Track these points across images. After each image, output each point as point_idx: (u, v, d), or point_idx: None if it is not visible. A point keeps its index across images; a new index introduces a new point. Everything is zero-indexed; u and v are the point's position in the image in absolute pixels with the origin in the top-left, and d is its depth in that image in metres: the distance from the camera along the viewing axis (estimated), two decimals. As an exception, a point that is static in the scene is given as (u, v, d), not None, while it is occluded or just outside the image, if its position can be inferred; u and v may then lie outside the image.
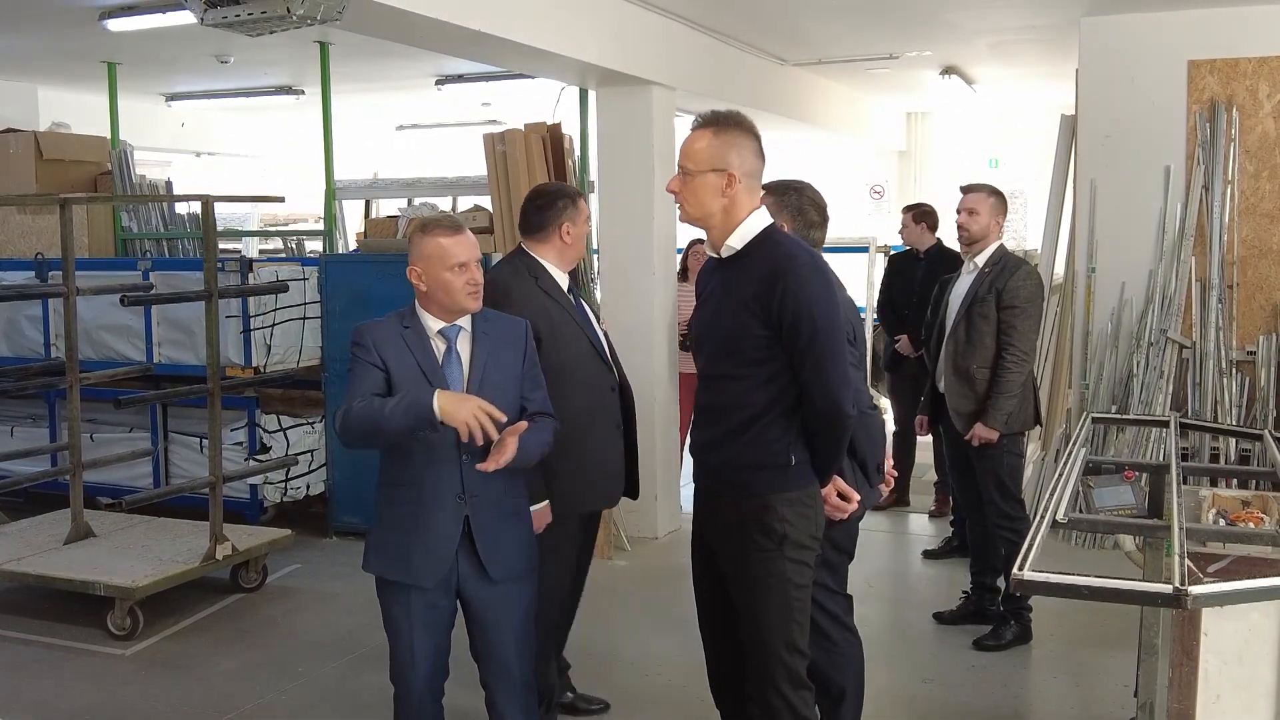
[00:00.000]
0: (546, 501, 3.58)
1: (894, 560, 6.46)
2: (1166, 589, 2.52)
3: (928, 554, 6.32)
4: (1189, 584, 2.51)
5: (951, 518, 6.41)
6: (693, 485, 3.14)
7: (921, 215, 6.87)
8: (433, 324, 3.09)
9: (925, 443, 7.23)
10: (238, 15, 3.86)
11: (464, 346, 3.11)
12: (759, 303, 2.76)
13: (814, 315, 2.74)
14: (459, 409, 2.83)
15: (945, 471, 6.84)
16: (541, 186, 4.13)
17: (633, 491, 3.97)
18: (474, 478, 3.01)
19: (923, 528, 6.93)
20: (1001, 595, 5.04)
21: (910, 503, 7.28)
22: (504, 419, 2.89)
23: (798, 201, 3.40)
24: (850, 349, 3.26)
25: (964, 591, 5.28)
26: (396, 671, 3.16)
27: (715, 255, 2.93)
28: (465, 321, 3.12)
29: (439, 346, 3.09)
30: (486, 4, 5.02)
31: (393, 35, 5.20)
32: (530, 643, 3.24)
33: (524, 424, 3.05)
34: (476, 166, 6.97)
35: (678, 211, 2.96)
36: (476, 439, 2.84)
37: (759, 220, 2.86)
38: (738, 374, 2.83)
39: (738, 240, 2.85)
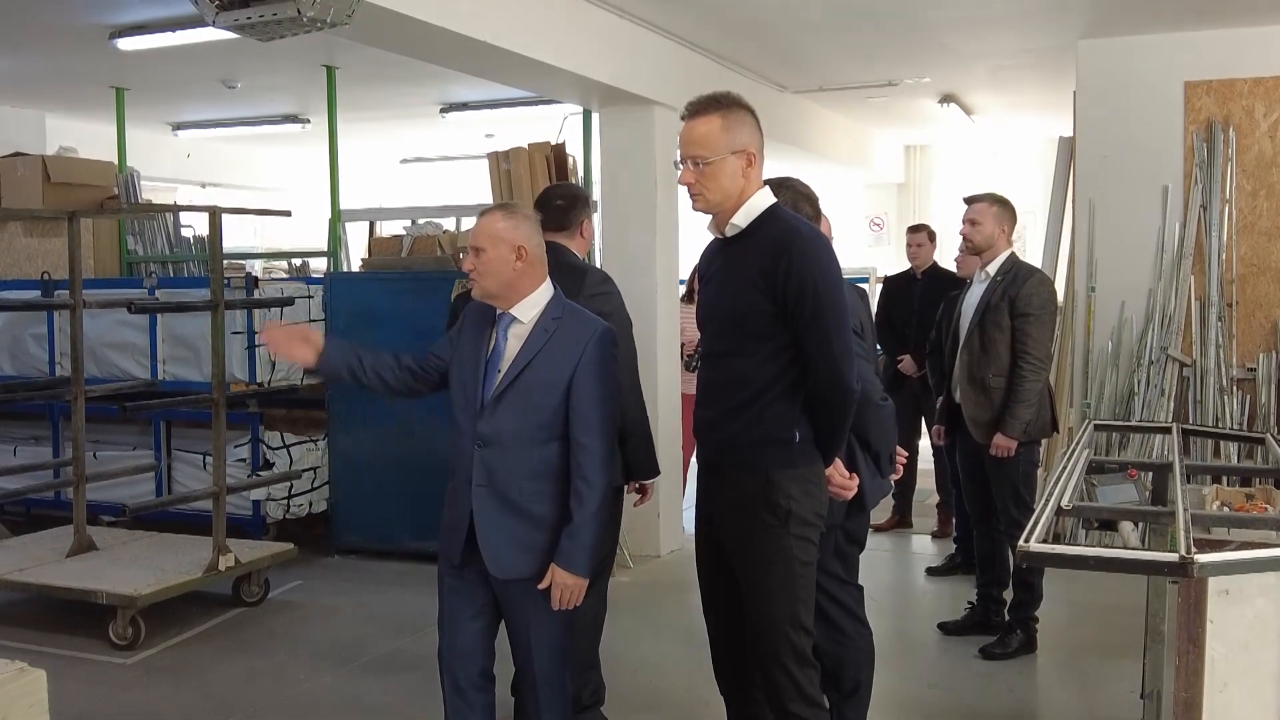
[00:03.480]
0: (655, 479, 3.94)
1: (897, 577, 6.43)
2: (1173, 557, 2.53)
3: (931, 571, 6.30)
4: (1195, 553, 2.52)
5: (955, 535, 6.40)
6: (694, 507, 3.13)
7: (933, 234, 6.97)
8: (500, 306, 3.04)
9: (926, 468, 7.25)
10: (249, 18, 3.88)
11: (515, 340, 3.00)
12: (764, 278, 2.77)
13: (818, 288, 2.75)
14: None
15: (947, 493, 6.85)
16: (561, 185, 4.26)
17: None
18: (484, 468, 2.97)
19: (925, 547, 6.91)
20: (1008, 606, 5.03)
21: (913, 524, 7.27)
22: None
23: (792, 199, 3.42)
24: (859, 341, 3.28)
25: (969, 603, 5.26)
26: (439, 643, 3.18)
27: (720, 235, 2.94)
28: (524, 312, 2.99)
29: (494, 334, 3.04)
30: (495, 17, 5.09)
31: (400, 46, 5.26)
32: (547, 640, 3.10)
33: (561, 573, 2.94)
34: (480, 196, 7.02)
35: (692, 202, 2.90)
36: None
37: (764, 198, 2.87)
38: (741, 350, 2.84)
39: (743, 219, 2.86)
